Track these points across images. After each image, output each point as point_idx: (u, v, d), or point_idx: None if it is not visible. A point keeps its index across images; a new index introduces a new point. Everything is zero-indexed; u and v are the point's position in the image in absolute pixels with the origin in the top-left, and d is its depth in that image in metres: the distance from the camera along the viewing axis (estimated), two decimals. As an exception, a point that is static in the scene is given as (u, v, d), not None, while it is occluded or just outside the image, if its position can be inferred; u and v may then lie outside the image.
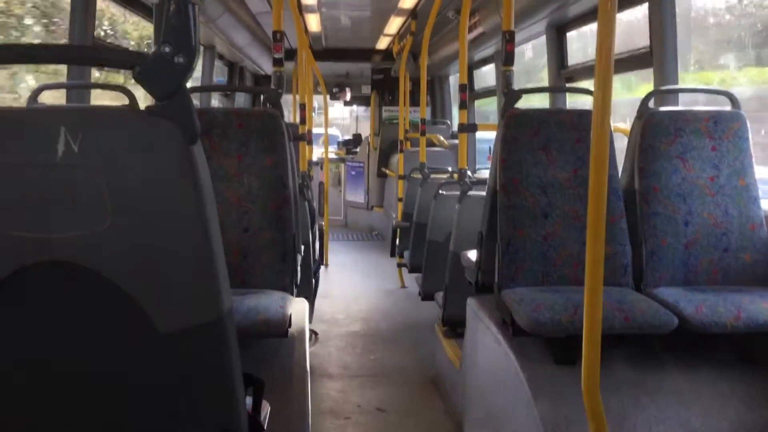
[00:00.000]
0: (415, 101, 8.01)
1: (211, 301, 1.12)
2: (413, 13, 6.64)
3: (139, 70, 1.09)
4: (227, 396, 1.18)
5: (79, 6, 3.18)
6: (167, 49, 1.08)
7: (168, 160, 1.09)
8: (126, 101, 2.09)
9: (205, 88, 5.69)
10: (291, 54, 6.61)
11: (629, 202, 2.88)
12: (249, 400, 1.55)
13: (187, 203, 1.09)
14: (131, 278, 1.10)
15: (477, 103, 7.80)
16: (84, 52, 1.42)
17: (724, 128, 2.89)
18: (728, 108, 2.97)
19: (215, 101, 7.30)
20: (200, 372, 1.16)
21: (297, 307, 2.89)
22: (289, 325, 2.46)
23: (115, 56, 1.21)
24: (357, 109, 13.15)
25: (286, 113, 3.51)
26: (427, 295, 4.80)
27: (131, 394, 1.16)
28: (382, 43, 8.97)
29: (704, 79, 4.25)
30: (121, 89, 2.85)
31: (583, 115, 2.94)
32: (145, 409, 1.17)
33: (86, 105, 2.86)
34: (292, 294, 2.82)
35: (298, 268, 3.04)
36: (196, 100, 5.98)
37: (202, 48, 6.08)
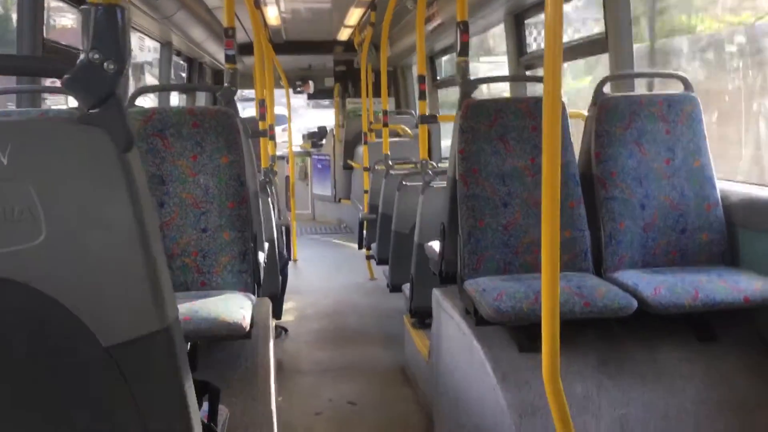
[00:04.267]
0: (378, 92, 8.00)
1: (155, 311, 1.10)
2: (372, 4, 6.61)
3: (67, 79, 1.05)
4: (177, 406, 1.16)
5: (26, 10, 3.09)
6: (96, 56, 1.05)
7: (101, 170, 1.06)
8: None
9: (155, 88, 5.57)
10: (251, 48, 6.53)
11: (587, 187, 2.91)
12: (206, 407, 1.53)
13: (124, 212, 1.06)
14: (69, 292, 1.07)
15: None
16: (13, 61, 1.38)
17: (677, 111, 2.93)
18: (681, 91, 3.01)
19: (176, 100, 7.19)
20: (148, 383, 1.13)
21: (259, 307, 2.86)
22: (251, 326, 2.44)
23: (42, 65, 1.18)
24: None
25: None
26: (395, 287, 4.81)
27: (76, 409, 1.13)
28: (344, 35, 8.92)
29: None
30: (70, 93, 2.77)
31: (538, 102, 2.95)
32: (92, 424, 1.14)
33: (20, 113, 2.77)
34: (254, 293, 2.79)
35: (261, 266, 3.01)
36: (154, 100, 5.88)
37: (160, 45, 5.99)
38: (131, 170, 1.07)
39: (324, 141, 10.64)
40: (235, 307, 2.40)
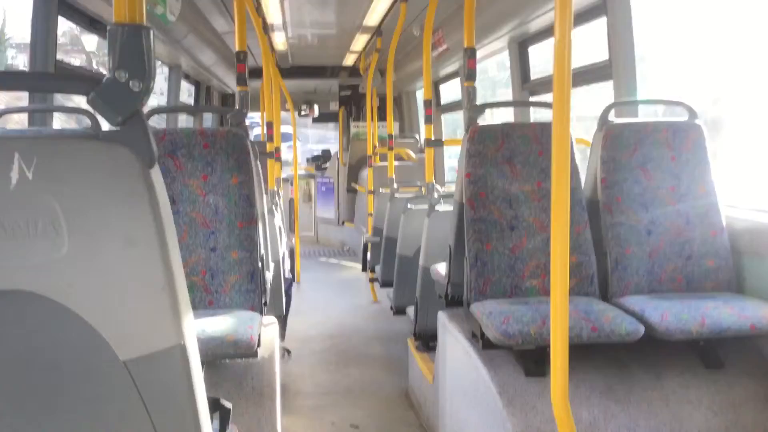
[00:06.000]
0: (383, 117, 8.06)
1: (173, 327, 1.11)
2: (378, 30, 6.70)
3: (94, 96, 1.08)
4: (190, 422, 1.16)
5: (39, 30, 3.14)
6: (122, 75, 1.08)
7: (125, 186, 1.08)
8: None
9: (168, 109, 5.63)
10: (258, 72, 6.60)
11: (593, 212, 2.93)
12: (217, 424, 1.54)
13: (146, 228, 1.08)
14: (90, 305, 1.09)
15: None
16: (37, 78, 1.41)
17: (682, 138, 2.96)
18: (686, 119, 3.04)
19: (183, 121, 7.25)
20: (163, 398, 1.14)
21: (266, 327, 2.87)
22: (258, 345, 2.45)
23: (69, 82, 1.20)
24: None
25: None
26: (398, 310, 4.81)
27: (91, 422, 1.14)
28: (349, 60, 9.01)
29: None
30: (84, 112, 2.82)
31: (545, 127, 2.99)
32: None
33: (41, 131, 2.81)
34: (261, 313, 2.80)
35: (268, 286, 3.02)
36: (162, 122, 5.93)
37: (168, 68, 6.05)
38: (154, 187, 1.09)
39: (328, 164, 10.70)
40: (243, 327, 2.41)
